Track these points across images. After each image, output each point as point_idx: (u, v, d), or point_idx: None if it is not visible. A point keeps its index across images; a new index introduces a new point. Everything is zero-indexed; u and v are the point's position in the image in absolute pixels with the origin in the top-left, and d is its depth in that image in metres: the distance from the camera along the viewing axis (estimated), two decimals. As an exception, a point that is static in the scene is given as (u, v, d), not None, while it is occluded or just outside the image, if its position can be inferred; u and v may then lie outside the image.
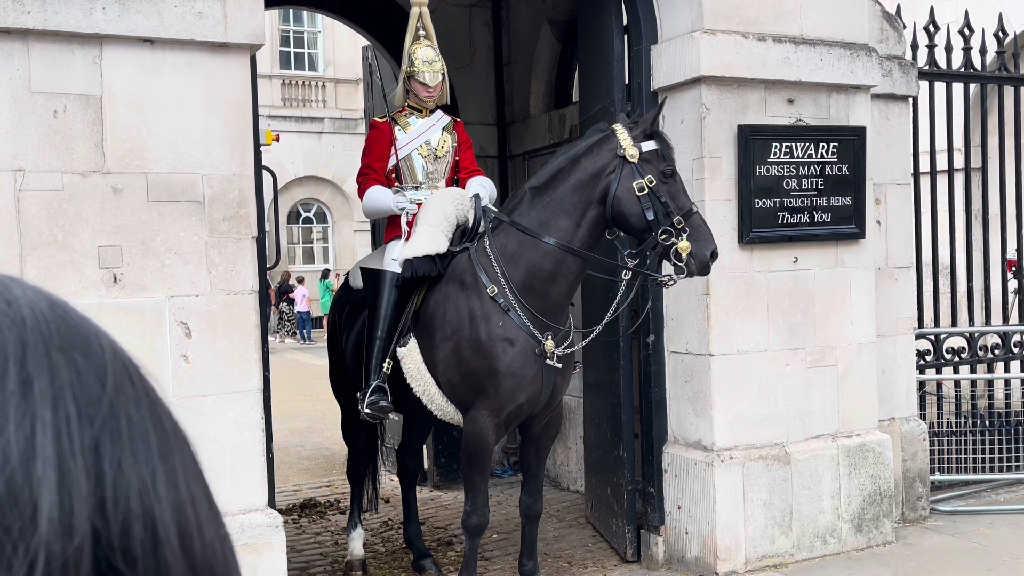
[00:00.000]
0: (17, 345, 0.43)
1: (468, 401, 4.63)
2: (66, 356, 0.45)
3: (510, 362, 4.51)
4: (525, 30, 7.99)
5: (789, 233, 5.45)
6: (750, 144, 5.32)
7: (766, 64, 5.34)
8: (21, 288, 0.46)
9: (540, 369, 4.54)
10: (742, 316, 5.35)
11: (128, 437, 0.45)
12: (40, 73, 3.95)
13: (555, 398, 4.72)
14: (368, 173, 5.25)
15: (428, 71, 5.16)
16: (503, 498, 7.32)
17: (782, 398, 5.45)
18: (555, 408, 4.80)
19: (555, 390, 4.67)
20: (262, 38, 4.29)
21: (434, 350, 4.68)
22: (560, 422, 4.99)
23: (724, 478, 5.23)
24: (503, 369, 4.51)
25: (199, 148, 4.22)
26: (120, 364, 0.47)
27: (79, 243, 4.02)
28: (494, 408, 4.54)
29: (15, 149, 3.91)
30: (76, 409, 0.43)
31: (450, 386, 4.66)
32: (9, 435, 0.41)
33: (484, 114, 8.08)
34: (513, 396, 4.54)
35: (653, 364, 5.59)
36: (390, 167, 5.23)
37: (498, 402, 4.53)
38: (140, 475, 0.44)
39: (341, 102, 26.01)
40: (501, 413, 4.55)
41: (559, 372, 4.63)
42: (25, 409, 0.42)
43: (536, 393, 4.59)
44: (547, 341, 4.52)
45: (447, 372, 4.64)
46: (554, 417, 4.85)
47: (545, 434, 4.86)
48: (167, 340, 4.16)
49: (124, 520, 0.43)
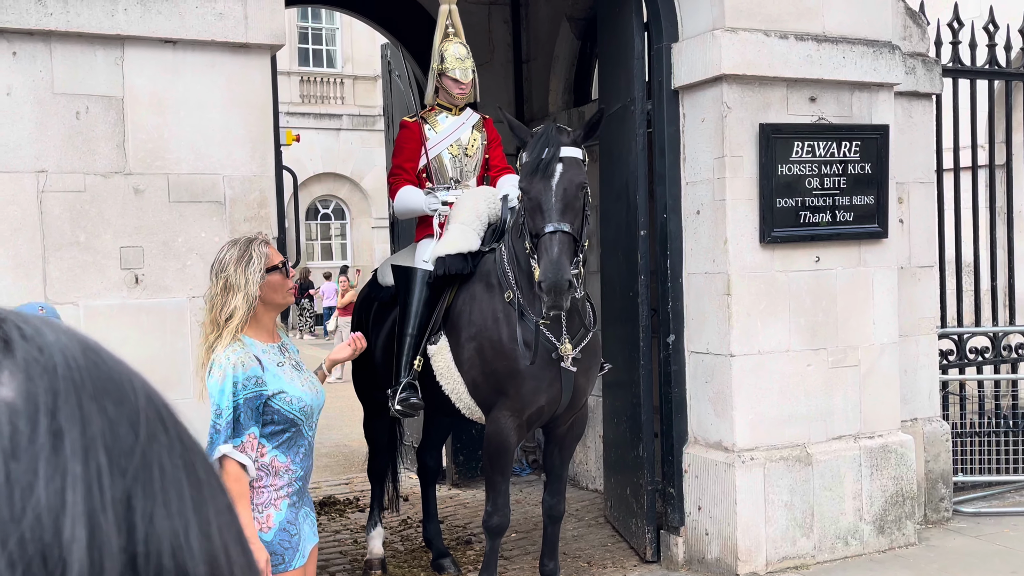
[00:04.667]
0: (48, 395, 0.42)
1: (490, 401, 4.62)
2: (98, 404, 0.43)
3: (527, 366, 4.49)
4: (544, 27, 7.97)
5: (811, 232, 5.40)
6: (772, 143, 5.28)
7: (788, 62, 5.29)
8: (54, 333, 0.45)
9: (558, 372, 4.51)
10: (763, 316, 5.31)
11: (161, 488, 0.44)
12: (63, 74, 3.96)
13: (578, 400, 4.69)
14: (399, 173, 5.24)
15: (459, 67, 5.16)
16: (522, 496, 7.31)
17: (803, 398, 5.41)
18: (579, 409, 4.77)
19: (578, 392, 4.64)
20: (282, 38, 4.30)
21: (460, 348, 4.68)
22: (584, 423, 4.96)
23: (745, 479, 5.20)
24: (522, 371, 4.49)
25: (220, 149, 4.22)
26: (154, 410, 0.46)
27: (101, 244, 4.03)
28: (515, 409, 4.52)
29: (38, 150, 3.93)
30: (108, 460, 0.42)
31: (473, 385, 4.66)
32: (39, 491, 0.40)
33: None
34: (533, 398, 4.52)
35: (673, 364, 5.56)
36: (421, 166, 5.23)
37: (519, 403, 4.52)
38: (173, 528, 0.43)
39: (359, 99, 26.04)
40: (522, 414, 4.53)
41: (581, 373, 4.60)
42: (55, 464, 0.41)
43: (556, 395, 4.56)
44: (564, 344, 4.47)
45: (471, 371, 4.64)
46: (579, 418, 4.82)
47: (570, 435, 4.84)
48: (188, 341, 4.17)
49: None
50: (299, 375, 3.23)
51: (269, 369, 3.10)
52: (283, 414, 3.10)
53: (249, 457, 3.01)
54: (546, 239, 4.02)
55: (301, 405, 3.14)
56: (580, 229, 4.15)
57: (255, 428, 3.02)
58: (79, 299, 4.01)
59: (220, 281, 3.07)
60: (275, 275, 3.16)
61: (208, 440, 3.00)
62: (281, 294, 3.21)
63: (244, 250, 3.09)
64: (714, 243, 5.33)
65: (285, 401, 3.10)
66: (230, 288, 3.05)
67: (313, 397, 3.22)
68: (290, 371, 3.20)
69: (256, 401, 3.02)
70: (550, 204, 4.05)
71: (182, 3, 4.09)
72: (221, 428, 2.98)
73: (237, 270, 3.05)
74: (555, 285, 3.91)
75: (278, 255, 3.25)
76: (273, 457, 3.11)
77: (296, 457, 3.17)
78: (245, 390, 2.99)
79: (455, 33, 5.29)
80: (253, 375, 3.02)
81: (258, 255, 3.09)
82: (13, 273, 3.90)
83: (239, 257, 3.07)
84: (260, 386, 3.03)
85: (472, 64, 5.23)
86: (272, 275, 3.14)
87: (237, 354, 3.01)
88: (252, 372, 3.02)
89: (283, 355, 3.23)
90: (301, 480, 3.21)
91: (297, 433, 3.15)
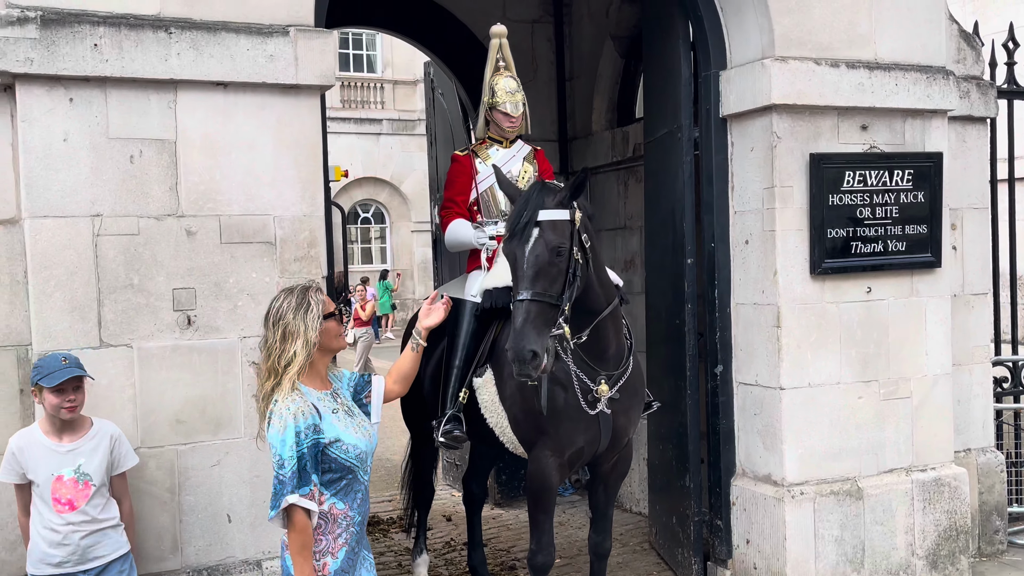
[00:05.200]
0: None
1: (531, 438, 4.59)
2: None
3: (563, 406, 4.42)
4: (588, 46, 7.92)
5: (862, 263, 5.32)
6: (822, 172, 5.21)
7: (839, 91, 5.21)
8: None
9: (595, 416, 4.44)
10: (814, 348, 5.24)
11: None
12: (117, 119, 4.00)
13: (619, 441, 4.62)
14: (450, 207, 5.25)
15: (510, 101, 5.16)
16: (565, 519, 7.29)
17: (854, 431, 5.34)
18: (622, 449, 4.72)
19: (618, 433, 4.56)
20: (332, 79, 4.31)
21: (504, 383, 4.66)
22: (629, 461, 4.90)
23: (795, 514, 5.14)
24: (559, 412, 4.43)
25: (270, 189, 4.25)
26: None
27: (154, 286, 4.07)
28: (555, 449, 4.46)
29: (94, 195, 3.97)
30: None
31: (515, 421, 4.64)
32: None
33: (545, 130, 8.02)
34: (570, 439, 4.45)
35: (721, 395, 5.51)
36: (471, 200, 5.23)
37: (557, 443, 4.46)
38: None
39: (399, 103, 26.15)
40: (563, 454, 4.47)
41: (620, 413, 4.52)
42: None
43: (595, 437, 4.49)
44: (600, 385, 4.40)
45: (513, 408, 4.62)
46: (623, 457, 4.77)
47: (614, 473, 4.79)
48: (239, 381, 4.20)
49: None
50: (352, 421, 3.27)
51: (325, 417, 3.15)
52: (340, 462, 3.15)
53: (315, 504, 3.06)
54: (513, 307, 3.90)
55: (357, 452, 3.19)
56: (561, 292, 3.94)
57: (316, 476, 3.07)
58: (132, 341, 4.05)
59: (278, 329, 3.14)
60: (331, 322, 3.24)
61: (273, 491, 3.05)
62: (337, 340, 3.30)
63: (302, 298, 3.17)
64: (763, 274, 5.27)
65: (342, 449, 3.15)
66: (289, 336, 3.11)
67: (367, 443, 3.26)
68: (344, 418, 3.24)
69: (315, 450, 3.07)
70: (521, 271, 3.94)
71: (233, 46, 4.12)
72: (286, 479, 3.03)
73: (296, 318, 3.12)
74: (517, 355, 3.79)
75: (332, 302, 3.32)
76: (331, 504, 3.16)
77: (353, 503, 3.22)
78: (307, 439, 3.04)
79: (506, 66, 5.28)
80: (312, 423, 3.08)
81: (315, 302, 3.17)
82: (70, 316, 3.95)
83: (297, 305, 3.15)
84: (318, 434, 3.09)
85: (523, 97, 5.22)
86: (328, 322, 3.22)
87: (296, 404, 3.07)
88: (311, 420, 3.08)
89: (336, 402, 3.27)
90: (358, 525, 3.25)
91: (354, 479, 3.20)
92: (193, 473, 4.15)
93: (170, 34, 4.03)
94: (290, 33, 4.22)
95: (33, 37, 3.84)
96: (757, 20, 5.23)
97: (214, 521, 4.18)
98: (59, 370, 3.56)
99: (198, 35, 4.07)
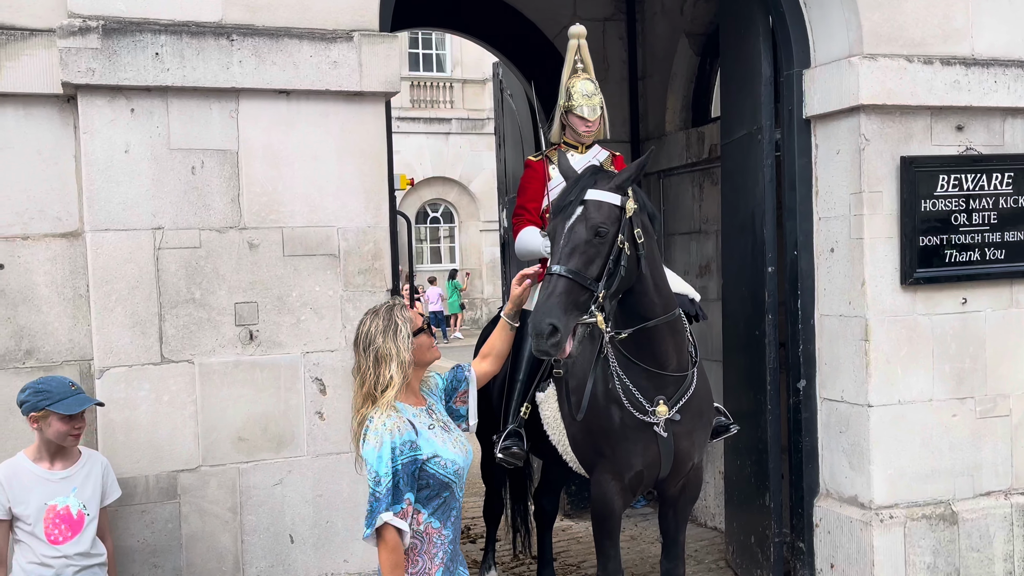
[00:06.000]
0: None
1: (590, 459, 4.36)
2: None
3: (618, 426, 4.16)
4: (661, 43, 7.67)
5: (957, 272, 5.00)
6: (914, 176, 4.90)
7: (933, 89, 4.90)
8: None
9: (654, 435, 4.13)
10: (904, 363, 4.93)
11: None
12: (179, 130, 3.92)
13: (682, 465, 4.29)
14: (521, 214, 5.06)
15: (587, 104, 4.93)
16: (637, 532, 7.08)
17: (948, 452, 5.02)
18: (688, 473, 4.39)
19: (680, 457, 4.23)
20: (397, 85, 4.16)
21: (564, 400, 4.45)
22: (699, 485, 4.57)
23: (883, 539, 4.85)
24: (616, 431, 4.17)
25: (334, 200, 4.12)
26: None
27: (216, 300, 3.98)
28: (614, 472, 4.21)
29: (155, 207, 3.89)
30: None
31: (573, 440, 4.41)
32: None
33: (617, 130, 7.78)
34: (628, 462, 4.18)
35: (804, 411, 5.23)
36: (544, 206, 5.04)
37: (616, 466, 4.20)
38: None
39: (468, 102, 26.11)
40: (623, 478, 4.21)
41: (683, 436, 4.21)
42: None
43: (654, 460, 4.19)
44: (659, 406, 4.10)
45: (572, 426, 4.39)
46: (691, 480, 4.44)
47: (683, 497, 4.48)
48: (302, 397, 4.09)
49: None
50: (449, 436, 3.17)
51: (422, 433, 3.07)
52: (438, 478, 3.06)
53: (407, 523, 2.97)
54: (543, 282, 3.65)
55: (455, 468, 3.09)
56: (597, 276, 3.66)
57: (411, 494, 2.98)
58: (194, 356, 3.96)
59: (370, 355, 3.05)
60: (421, 336, 3.15)
61: (368, 509, 2.97)
62: (430, 353, 3.20)
63: (388, 319, 3.08)
64: (850, 284, 4.98)
65: (440, 465, 3.06)
66: (382, 359, 3.03)
67: (463, 458, 3.16)
68: (440, 433, 3.15)
69: (412, 466, 2.99)
70: (557, 246, 3.70)
71: (296, 53, 4.00)
72: (381, 496, 2.94)
73: (386, 340, 3.04)
74: (535, 328, 3.52)
75: (419, 316, 3.21)
76: (428, 524, 3.08)
77: (448, 521, 3.13)
78: (402, 455, 2.96)
79: (584, 68, 5.05)
80: (408, 439, 2.99)
81: (403, 320, 3.08)
82: (131, 332, 3.87)
83: (385, 327, 3.06)
84: (415, 451, 3.00)
85: (600, 100, 4.98)
86: (419, 337, 3.13)
87: (392, 419, 2.99)
88: (407, 437, 2.99)
89: (431, 417, 3.19)
90: (452, 543, 3.14)
91: (450, 496, 3.11)
92: (255, 492, 4.05)
93: (232, 41, 3.92)
94: (354, 38, 4.08)
95: (95, 47, 3.77)
96: (843, 15, 4.94)
97: (276, 541, 4.07)
98: (71, 396, 3.39)
99: (260, 42, 3.96)
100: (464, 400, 3.40)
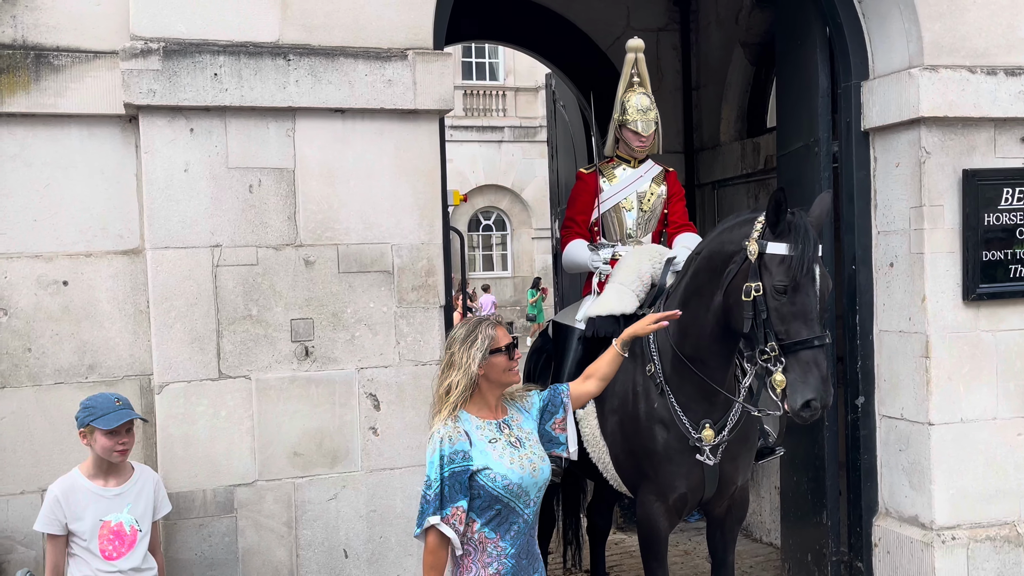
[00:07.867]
0: None
1: (634, 480, 4.33)
2: None
3: (664, 448, 4.12)
4: (715, 53, 7.61)
5: (1022, 288, 4.87)
6: (977, 190, 4.78)
7: (997, 101, 4.78)
8: None
9: (697, 460, 4.10)
10: (966, 380, 4.82)
11: None
12: (236, 148, 3.98)
13: (725, 488, 4.25)
14: (571, 226, 5.06)
15: (641, 119, 4.91)
16: (690, 547, 7.00)
17: (1013, 471, 4.89)
18: (733, 494, 4.34)
19: (724, 480, 4.20)
20: (450, 102, 4.18)
21: (605, 419, 4.40)
22: (746, 505, 4.51)
23: (946, 561, 4.73)
24: (659, 454, 4.13)
25: (388, 217, 4.15)
26: None
27: (272, 316, 4.03)
28: (659, 493, 4.17)
29: (213, 225, 3.95)
30: None
31: (616, 461, 4.38)
32: None
33: (671, 141, 7.74)
34: (672, 484, 4.14)
35: (862, 428, 5.13)
36: (593, 219, 5.02)
37: (659, 487, 4.16)
38: None
39: (520, 110, 26.15)
40: (667, 499, 4.17)
41: (727, 460, 4.16)
42: None
43: (698, 484, 4.15)
44: (704, 430, 4.05)
45: (614, 447, 4.35)
46: (737, 501, 4.39)
47: (729, 517, 4.42)
48: (357, 413, 4.12)
49: None
50: (515, 452, 3.18)
51: (477, 445, 3.12)
52: (487, 490, 3.10)
53: (455, 530, 3.04)
54: (812, 353, 3.53)
55: (506, 483, 3.10)
56: None
57: (463, 501, 3.06)
58: (251, 372, 4.01)
59: (447, 357, 3.22)
60: (499, 357, 3.20)
61: (419, 509, 3.08)
62: (505, 375, 3.24)
63: (472, 330, 3.19)
64: (910, 299, 4.88)
65: (489, 477, 3.09)
66: (452, 365, 3.18)
67: (521, 475, 3.14)
68: (502, 448, 3.16)
69: (462, 476, 3.06)
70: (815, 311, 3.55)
71: (351, 72, 4.04)
72: (430, 499, 3.05)
73: (461, 348, 3.17)
74: (825, 405, 3.48)
75: (507, 337, 3.25)
76: (481, 532, 3.11)
77: (506, 535, 3.13)
78: (452, 464, 3.05)
79: (640, 82, 5.03)
80: (460, 449, 3.06)
81: (483, 336, 3.17)
82: (189, 348, 3.94)
83: (465, 336, 3.19)
84: (466, 460, 3.07)
85: (656, 116, 4.95)
86: (496, 356, 3.19)
87: (447, 428, 3.10)
88: (459, 447, 3.07)
89: (500, 432, 3.21)
90: (513, 559, 3.13)
91: (506, 510, 3.12)
92: (310, 507, 4.08)
93: (288, 61, 3.98)
94: (408, 56, 4.11)
95: (156, 68, 3.85)
96: (903, 26, 4.85)
97: (331, 556, 4.11)
98: (113, 412, 3.40)
99: (316, 61, 4.01)
100: (563, 427, 3.37)
